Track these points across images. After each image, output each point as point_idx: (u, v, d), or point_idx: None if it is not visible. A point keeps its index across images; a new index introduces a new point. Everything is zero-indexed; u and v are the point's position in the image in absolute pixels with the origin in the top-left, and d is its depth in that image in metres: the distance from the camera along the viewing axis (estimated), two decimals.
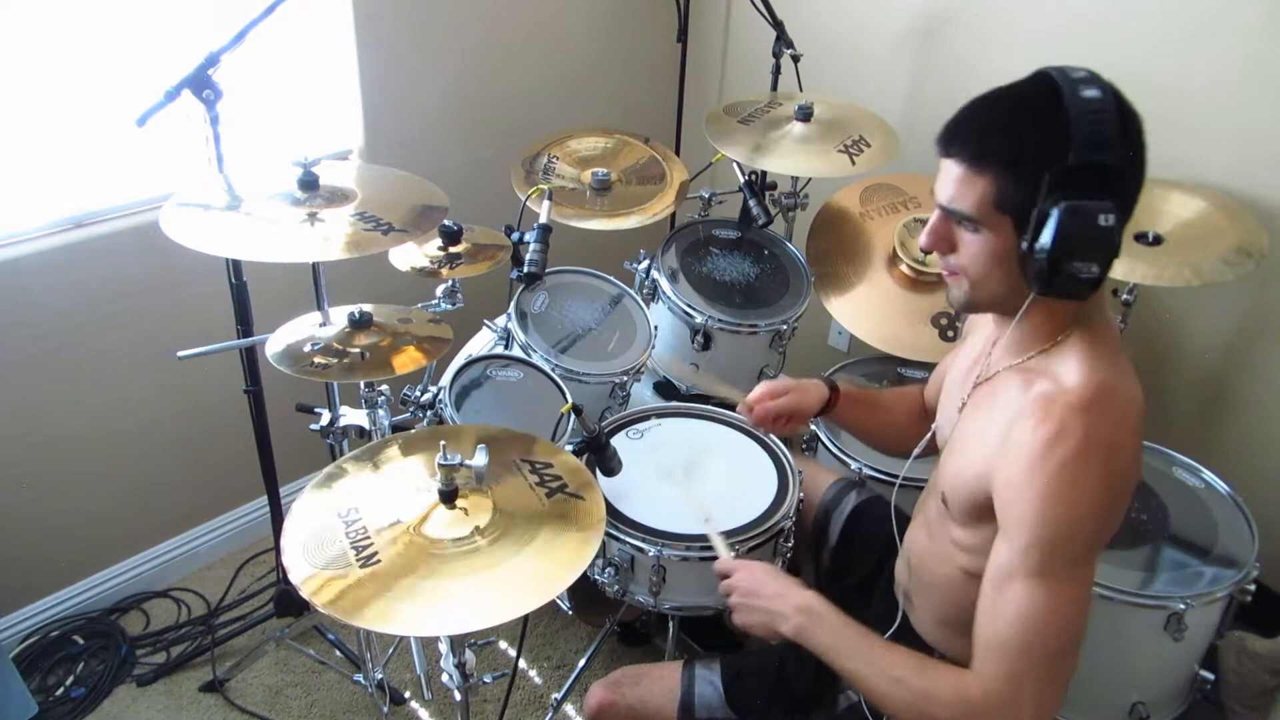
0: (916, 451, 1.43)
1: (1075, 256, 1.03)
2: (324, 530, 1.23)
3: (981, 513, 1.17)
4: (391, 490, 1.31)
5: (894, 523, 1.44)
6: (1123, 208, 1.04)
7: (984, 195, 1.08)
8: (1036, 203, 1.04)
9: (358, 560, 1.18)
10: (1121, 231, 1.04)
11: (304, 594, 1.14)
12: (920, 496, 1.46)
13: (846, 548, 1.69)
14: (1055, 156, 1.02)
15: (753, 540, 1.62)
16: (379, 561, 1.18)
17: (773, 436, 1.84)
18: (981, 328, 1.35)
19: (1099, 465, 1.05)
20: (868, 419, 1.66)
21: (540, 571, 1.19)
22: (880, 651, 1.19)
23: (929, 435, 1.40)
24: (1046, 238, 1.03)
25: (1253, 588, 1.74)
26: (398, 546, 1.21)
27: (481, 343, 2.10)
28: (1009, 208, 1.07)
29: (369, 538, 1.22)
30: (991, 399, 1.21)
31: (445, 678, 1.43)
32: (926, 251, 1.20)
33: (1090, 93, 1.02)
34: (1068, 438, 1.05)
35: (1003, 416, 1.14)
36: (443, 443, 1.24)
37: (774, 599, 1.30)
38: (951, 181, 1.11)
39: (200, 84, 1.53)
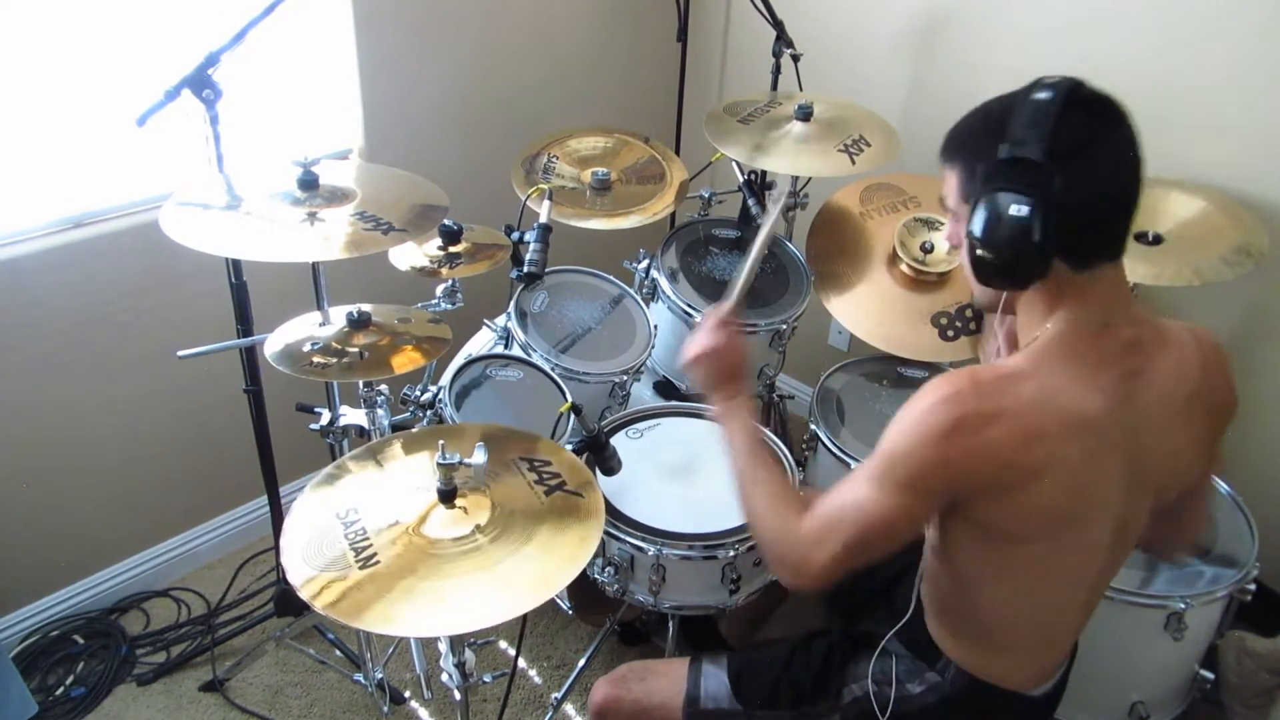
0: None
1: (988, 245, 1.08)
2: (323, 532, 1.23)
3: None
4: (391, 490, 1.32)
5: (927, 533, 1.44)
6: (1054, 202, 1.03)
7: (953, 188, 1.17)
8: (979, 193, 1.10)
9: (357, 562, 1.18)
10: (1037, 225, 1.04)
11: (304, 596, 1.14)
12: None
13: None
14: (990, 150, 1.08)
15: (753, 539, 1.63)
16: (378, 563, 1.18)
17: (772, 435, 1.84)
18: None
19: (943, 417, 1.09)
20: None
21: (539, 570, 1.19)
22: (762, 469, 1.29)
23: None
24: (969, 226, 1.11)
25: (1253, 587, 1.74)
26: (397, 547, 1.21)
27: (481, 342, 2.10)
28: (967, 198, 1.14)
29: (368, 539, 1.22)
30: None
31: (445, 677, 1.43)
32: (951, 244, 1.26)
33: (1041, 94, 1.06)
34: (940, 385, 1.11)
35: None
36: (441, 442, 1.24)
37: (719, 378, 1.37)
38: (943, 180, 1.20)
39: (200, 83, 1.53)
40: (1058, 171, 1.04)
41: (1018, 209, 1.05)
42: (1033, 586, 1.23)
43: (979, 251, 1.10)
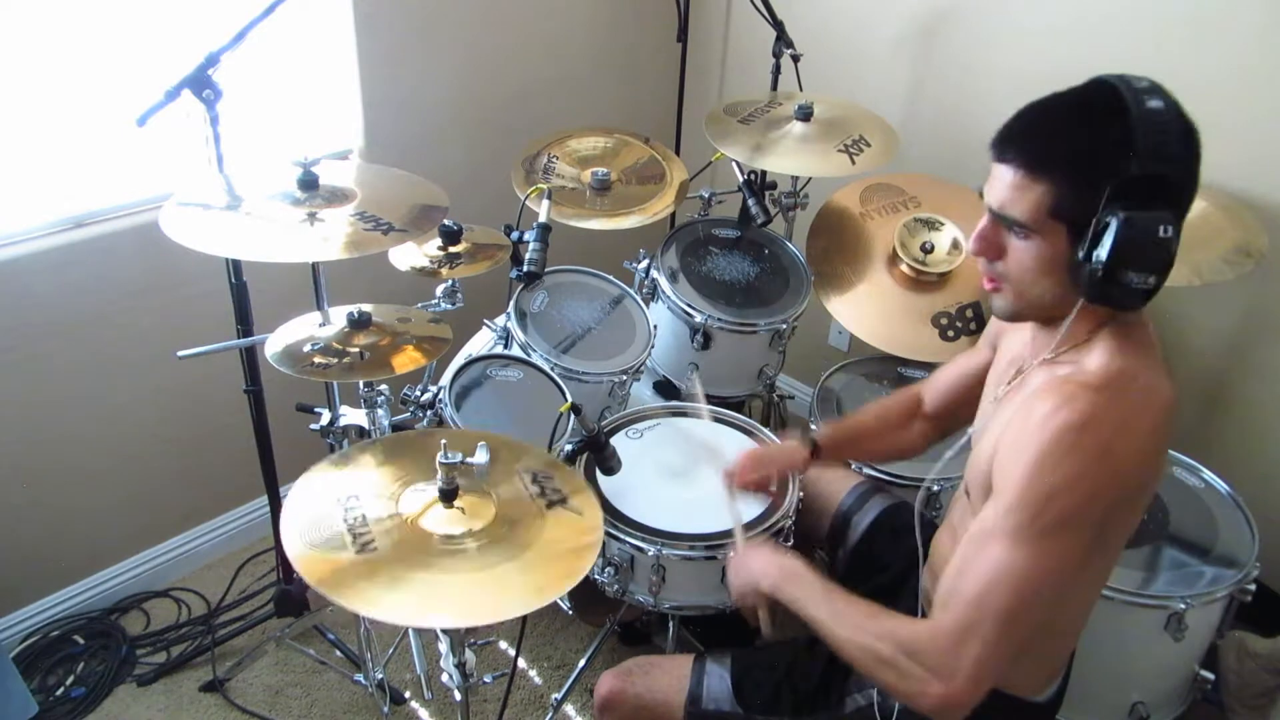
0: (949, 455, 1.39)
1: (1133, 267, 1.02)
2: (323, 513, 1.24)
3: None
4: (391, 486, 1.32)
5: (917, 527, 1.41)
6: (1179, 220, 1.03)
7: (1040, 202, 1.07)
8: (1096, 211, 1.02)
9: (354, 545, 1.19)
10: (1177, 243, 1.02)
11: (295, 568, 1.14)
12: (949, 502, 1.46)
13: (867, 552, 1.66)
14: (1119, 166, 1.01)
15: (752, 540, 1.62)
16: (376, 549, 1.18)
17: (773, 435, 1.84)
18: (1015, 331, 1.33)
19: (1096, 439, 1.03)
20: (859, 451, 1.73)
21: (533, 581, 1.19)
22: (842, 602, 1.22)
23: (965, 438, 1.37)
24: (1105, 248, 1.02)
25: (1253, 588, 1.74)
26: (393, 537, 1.21)
27: (481, 342, 2.10)
28: (1066, 215, 1.06)
29: (367, 526, 1.22)
30: (1019, 392, 1.21)
31: (445, 678, 1.43)
32: (975, 255, 1.18)
33: (1155, 104, 1.02)
34: (1071, 408, 1.04)
35: (1020, 400, 1.15)
36: (443, 441, 1.24)
37: (759, 562, 1.37)
38: (1005, 186, 1.09)
39: (200, 84, 1.53)
40: (1185, 188, 1.03)
41: (1165, 230, 1.00)
42: (1087, 596, 1.22)
43: (1123, 275, 1.02)
